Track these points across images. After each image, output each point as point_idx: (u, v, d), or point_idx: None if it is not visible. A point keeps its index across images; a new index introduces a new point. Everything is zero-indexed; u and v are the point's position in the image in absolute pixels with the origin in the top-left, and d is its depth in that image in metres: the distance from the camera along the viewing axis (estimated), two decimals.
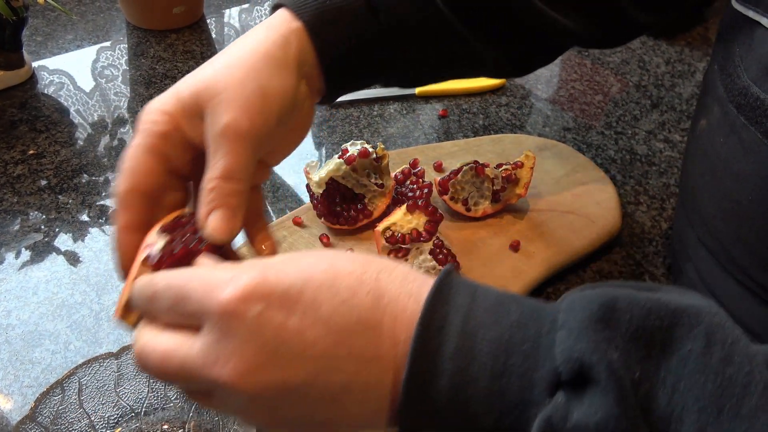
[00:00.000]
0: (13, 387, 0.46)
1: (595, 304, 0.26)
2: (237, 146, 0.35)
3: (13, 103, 0.73)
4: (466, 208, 0.59)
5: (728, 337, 0.25)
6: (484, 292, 0.28)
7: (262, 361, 0.27)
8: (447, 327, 0.26)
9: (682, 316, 0.25)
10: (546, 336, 0.26)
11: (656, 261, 0.61)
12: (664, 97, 0.84)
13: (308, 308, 0.27)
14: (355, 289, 0.28)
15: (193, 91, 0.36)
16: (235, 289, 0.27)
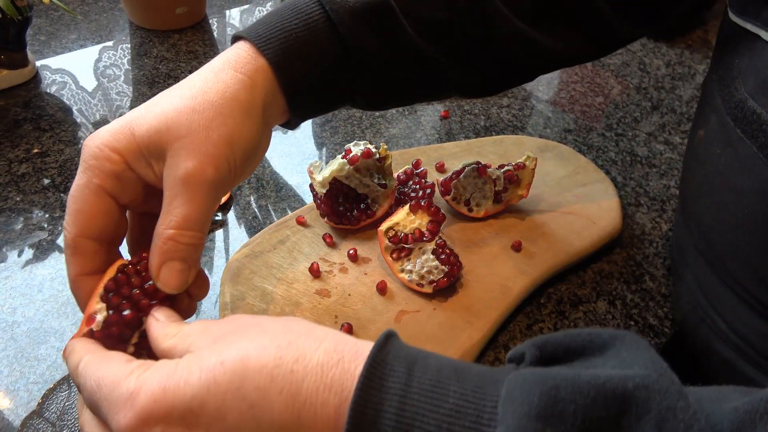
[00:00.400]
0: (19, 383, 0.47)
1: (536, 395, 0.24)
2: (198, 195, 0.34)
3: (17, 102, 0.73)
4: (468, 209, 0.59)
5: (680, 424, 0.23)
6: (421, 368, 0.26)
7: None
8: (381, 417, 0.25)
9: (630, 402, 0.24)
10: (486, 426, 0.24)
11: (656, 262, 0.61)
12: (664, 100, 0.85)
13: (213, 420, 0.26)
14: (266, 389, 0.26)
15: (153, 132, 0.34)
16: (132, 413, 0.26)
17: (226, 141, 0.35)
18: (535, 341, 0.28)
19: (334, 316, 0.50)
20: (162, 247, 0.33)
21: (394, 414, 0.25)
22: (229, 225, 0.61)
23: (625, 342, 0.27)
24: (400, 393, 0.25)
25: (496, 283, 0.54)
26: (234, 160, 0.35)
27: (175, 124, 0.34)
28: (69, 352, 0.32)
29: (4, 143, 0.67)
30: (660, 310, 0.56)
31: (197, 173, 0.33)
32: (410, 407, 0.25)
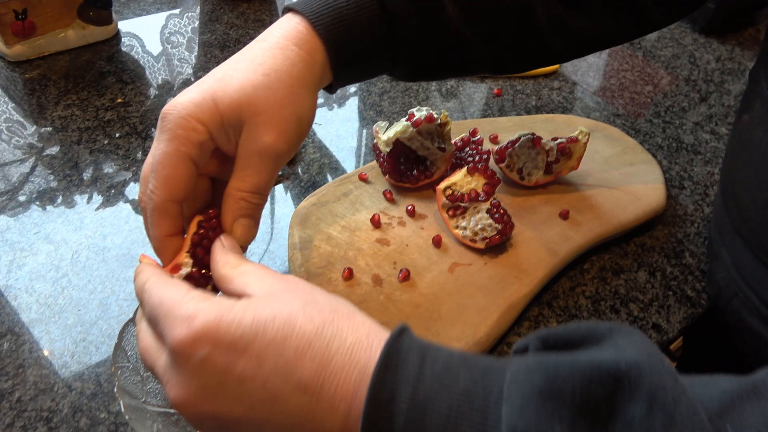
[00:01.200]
0: (110, 299, 0.52)
1: (537, 375, 0.26)
2: (269, 165, 0.38)
3: (101, 57, 0.79)
4: (520, 177, 0.62)
5: (669, 398, 0.25)
6: (433, 356, 0.29)
7: (200, 397, 0.29)
8: (396, 399, 0.27)
9: (623, 379, 0.25)
10: (494, 406, 0.26)
11: (697, 241, 0.64)
12: (712, 92, 0.87)
13: (252, 362, 0.29)
14: (302, 353, 0.29)
15: (235, 106, 0.37)
16: (187, 331, 0.29)
17: (296, 117, 0.39)
18: (538, 334, 0.31)
19: (392, 263, 0.55)
20: (234, 206, 0.38)
21: (409, 396, 0.27)
22: (295, 178, 0.66)
23: (621, 333, 0.29)
24: (414, 378, 0.27)
25: (543, 246, 0.57)
26: (300, 133, 0.40)
27: (254, 99, 0.37)
28: (138, 272, 0.36)
29: (92, 92, 0.73)
30: (698, 284, 0.59)
31: (273, 147, 0.37)
32: (423, 390, 0.27)
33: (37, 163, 0.63)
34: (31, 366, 0.47)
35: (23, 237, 0.57)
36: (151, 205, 0.37)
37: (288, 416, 0.29)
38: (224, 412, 0.30)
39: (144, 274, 0.36)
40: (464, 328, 0.50)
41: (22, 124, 0.68)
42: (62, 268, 0.54)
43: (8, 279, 0.53)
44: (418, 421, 0.27)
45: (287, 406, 0.29)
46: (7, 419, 0.44)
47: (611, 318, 0.55)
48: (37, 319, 0.50)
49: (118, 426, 0.44)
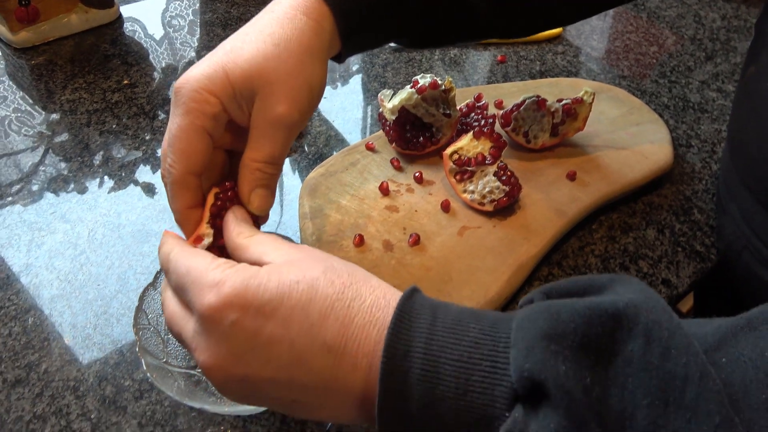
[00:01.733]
0: (128, 273, 0.53)
1: (541, 320, 0.27)
2: (283, 135, 0.38)
3: (105, 40, 0.79)
4: (527, 140, 0.63)
5: (664, 332, 0.26)
6: (443, 312, 0.30)
7: (230, 361, 0.30)
8: (411, 352, 0.28)
9: (621, 318, 0.27)
10: (502, 353, 0.28)
11: (705, 197, 0.64)
12: (718, 51, 0.86)
13: (279, 325, 0.30)
14: (326, 315, 0.30)
15: (246, 76, 0.37)
16: (216, 297, 0.30)
17: (307, 87, 0.39)
18: (542, 289, 0.32)
19: (402, 228, 0.55)
20: (250, 176, 0.39)
21: (423, 349, 0.28)
22: (304, 150, 0.66)
23: (620, 281, 0.30)
24: (426, 331, 0.29)
25: (551, 207, 0.58)
26: (312, 102, 0.40)
27: (265, 70, 0.37)
28: (162, 244, 0.37)
29: (98, 75, 0.74)
30: (707, 239, 0.60)
31: (285, 117, 0.38)
32: (436, 342, 0.28)
33: (48, 149, 0.64)
34: (56, 339, 0.49)
35: (40, 217, 0.58)
36: (170, 179, 0.38)
37: (314, 376, 0.30)
38: (253, 375, 0.30)
39: (168, 245, 0.36)
40: (475, 288, 0.51)
41: (31, 114, 0.69)
42: (80, 246, 0.55)
43: (28, 257, 0.54)
44: (432, 372, 0.28)
45: (313, 366, 0.30)
46: (36, 389, 0.46)
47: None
48: (59, 295, 0.52)
49: (142, 393, 0.46)
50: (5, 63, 0.76)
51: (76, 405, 0.45)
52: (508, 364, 0.27)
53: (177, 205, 0.38)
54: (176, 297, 0.35)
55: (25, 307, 0.51)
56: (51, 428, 0.44)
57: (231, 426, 0.44)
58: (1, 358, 0.48)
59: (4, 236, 0.56)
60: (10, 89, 0.73)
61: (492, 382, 0.27)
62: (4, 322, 0.50)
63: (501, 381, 0.27)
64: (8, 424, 0.44)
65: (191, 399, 0.40)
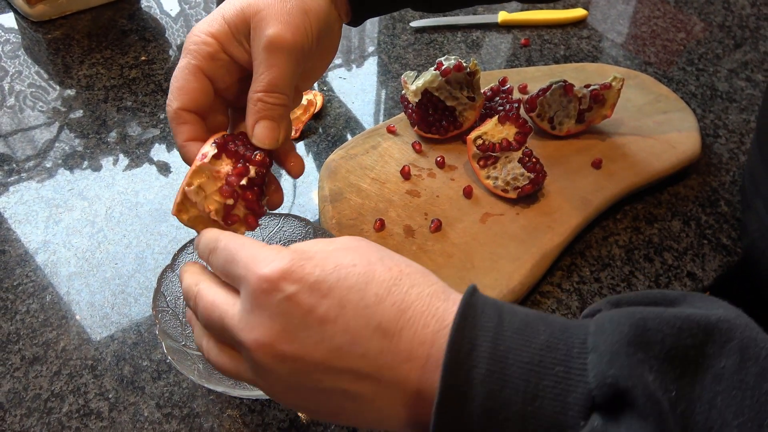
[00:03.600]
0: (146, 253, 0.53)
1: (626, 325, 0.25)
2: (280, 59, 0.37)
3: (123, 15, 0.78)
4: (551, 126, 0.61)
5: (762, 351, 0.25)
6: (510, 313, 0.28)
7: (282, 339, 0.29)
8: (476, 350, 0.26)
9: (713, 332, 0.25)
10: (577, 358, 0.26)
11: (732, 189, 0.62)
12: (747, 39, 0.84)
13: (335, 304, 0.29)
14: (382, 298, 0.29)
15: (238, 11, 0.37)
16: (274, 268, 0.29)
17: (300, 9, 0.37)
18: (610, 299, 0.30)
19: (424, 213, 0.54)
20: (253, 108, 0.37)
21: (489, 348, 0.26)
22: (322, 132, 0.65)
23: (695, 297, 0.28)
24: (493, 331, 0.27)
25: (576, 195, 0.57)
26: (310, 26, 0.38)
27: (255, 0, 0.37)
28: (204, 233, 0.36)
29: (116, 51, 0.72)
30: (733, 232, 0.58)
31: (276, 39, 0.36)
32: (503, 343, 0.27)
33: (63, 125, 0.64)
34: (74, 317, 0.49)
35: (57, 194, 0.57)
36: (168, 115, 0.38)
37: (367, 360, 0.28)
38: (304, 355, 0.29)
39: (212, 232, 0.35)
40: (498, 276, 0.50)
41: (46, 89, 0.68)
42: (97, 224, 0.55)
43: (46, 234, 0.54)
44: (498, 373, 0.26)
45: (368, 350, 0.28)
46: (54, 367, 0.46)
47: (644, 266, 0.55)
48: (77, 273, 0.51)
49: (160, 373, 0.46)
50: (21, 37, 0.75)
51: (93, 384, 0.45)
52: (584, 371, 0.25)
53: (177, 140, 0.39)
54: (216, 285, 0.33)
55: (42, 285, 0.50)
56: (69, 407, 0.44)
57: (249, 409, 0.44)
58: (20, 335, 0.47)
59: (21, 212, 0.56)
60: (26, 63, 0.72)
61: (565, 388, 0.25)
62: (22, 299, 0.49)
63: (576, 388, 0.25)
64: (26, 402, 0.44)
65: (210, 382, 0.40)
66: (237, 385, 0.43)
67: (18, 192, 0.57)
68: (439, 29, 0.80)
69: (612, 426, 0.24)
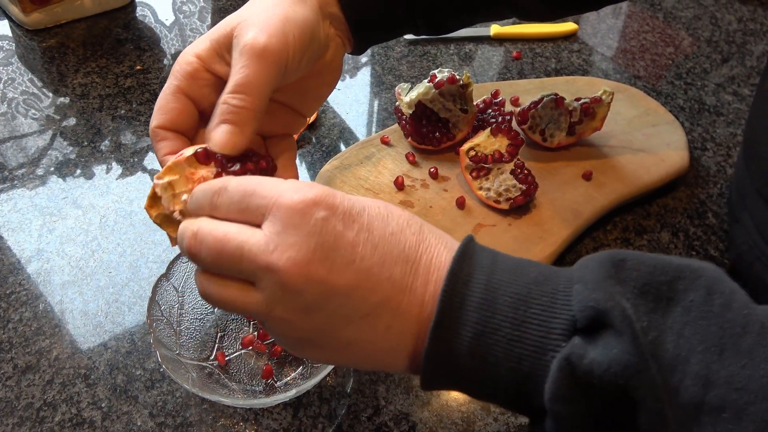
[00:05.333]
0: (140, 261, 0.53)
1: (607, 262, 0.29)
2: (253, 62, 0.36)
3: (118, 24, 0.78)
4: (543, 139, 0.62)
5: (726, 287, 0.27)
6: (504, 257, 0.31)
7: (316, 258, 0.29)
8: (472, 282, 0.29)
9: (684, 270, 0.28)
10: (562, 291, 0.29)
11: (720, 202, 0.63)
12: (734, 54, 0.85)
13: (363, 229, 0.30)
14: (403, 226, 0.31)
15: (223, 25, 0.38)
16: (306, 194, 0.30)
17: (282, 17, 0.38)
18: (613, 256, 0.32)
19: None
20: (217, 110, 0.37)
21: (483, 281, 0.29)
22: (316, 142, 0.66)
23: None
24: (487, 268, 0.30)
25: (567, 207, 0.57)
26: (291, 33, 0.38)
27: (238, 15, 0.39)
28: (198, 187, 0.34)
29: (111, 59, 0.73)
30: (721, 244, 0.59)
31: (252, 42, 0.36)
32: (496, 278, 0.29)
33: (56, 133, 0.64)
34: (67, 325, 0.48)
35: (51, 202, 0.57)
36: (150, 132, 0.39)
37: (392, 284, 0.30)
38: (334, 277, 0.29)
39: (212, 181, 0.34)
40: None
41: (39, 97, 0.68)
42: (91, 232, 0.55)
43: (39, 242, 0.54)
44: (490, 301, 0.29)
45: (393, 273, 0.30)
46: (46, 376, 0.45)
47: None
48: (70, 281, 0.51)
49: (153, 383, 0.46)
50: (16, 44, 0.76)
51: (86, 393, 0.45)
52: (567, 300, 0.28)
53: (157, 155, 0.39)
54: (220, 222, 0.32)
55: (35, 293, 0.50)
56: (61, 416, 0.43)
57: (243, 419, 0.44)
58: (12, 343, 0.47)
59: (14, 220, 0.56)
60: (19, 71, 0.72)
61: (550, 315, 0.28)
62: (15, 307, 0.49)
63: (560, 314, 0.28)
64: (18, 411, 0.44)
65: (205, 391, 0.40)
66: (231, 395, 0.43)
67: (11, 200, 0.57)
68: (433, 42, 0.81)
69: (590, 344, 0.27)
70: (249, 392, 0.44)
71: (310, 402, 0.45)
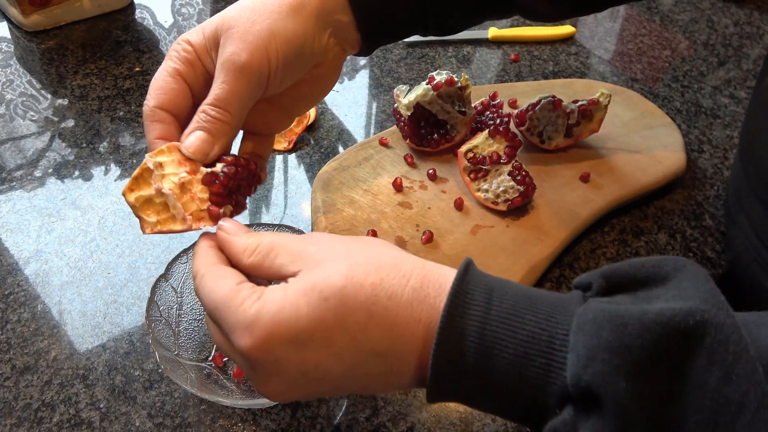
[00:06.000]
0: (139, 262, 0.53)
1: (605, 330, 0.26)
2: (231, 77, 0.37)
3: (117, 26, 0.79)
4: (540, 140, 0.62)
5: (729, 356, 0.26)
6: (499, 297, 0.30)
7: (289, 389, 0.32)
8: (465, 340, 0.29)
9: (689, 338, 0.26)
10: (558, 351, 0.28)
11: (716, 203, 0.64)
12: (731, 57, 0.86)
13: (321, 347, 0.30)
14: (365, 323, 0.30)
15: (214, 26, 0.38)
16: (253, 340, 0.30)
17: (267, 33, 0.38)
18: (603, 272, 0.30)
19: (415, 225, 0.55)
20: (195, 117, 0.38)
21: (477, 337, 0.28)
22: (314, 144, 0.66)
23: (686, 273, 0.29)
24: (480, 320, 0.29)
25: (564, 208, 0.58)
26: (274, 50, 0.38)
27: (229, 17, 0.38)
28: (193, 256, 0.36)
29: (110, 61, 0.73)
30: (718, 245, 0.59)
31: (233, 57, 0.37)
32: (490, 333, 0.28)
33: (55, 134, 0.64)
34: (65, 326, 0.48)
35: (50, 203, 0.57)
36: (144, 112, 0.38)
37: (370, 376, 0.31)
38: (315, 392, 0.33)
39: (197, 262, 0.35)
40: None
41: (37, 98, 0.68)
42: (90, 233, 0.55)
43: (38, 243, 0.54)
44: (485, 361, 0.28)
45: (367, 370, 0.31)
46: (44, 377, 0.45)
47: None
48: (69, 282, 0.51)
49: (152, 383, 0.46)
50: (14, 46, 0.76)
51: (85, 394, 0.45)
52: (563, 364, 0.27)
53: (148, 137, 0.38)
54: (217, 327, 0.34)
55: (34, 294, 0.50)
56: (60, 416, 0.43)
57: (241, 419, 0.44)
58: (10, 344, 0.47)
59: (13, 221, 0.56)
60: (17, 73, 0.72)
61: (546, 379, 0.28)
62: (13, 308, 0.49)
63: (555, 380, 0.27)
64: (16, 411, 0.44)
65: (204, 391, 0.40)
66: (230, 396, 0.43)
67: (10, 201, 0.58)
68: (431, 44, 0.82)
69: (582, 419, 0.26)
70: (247, 392, 0.44)
71: (308, 402, 0.45)
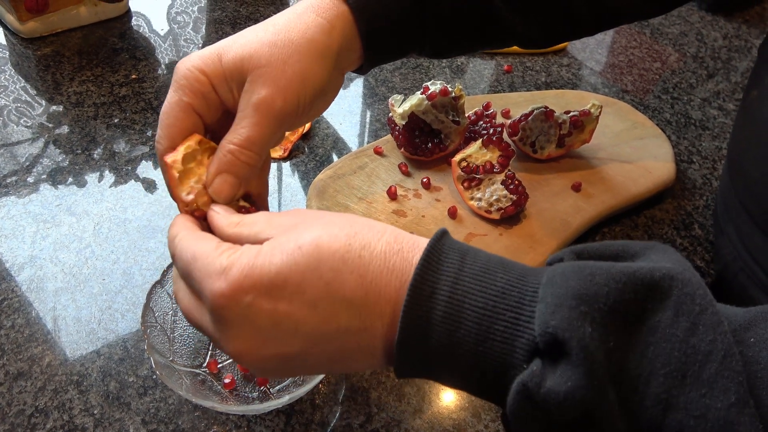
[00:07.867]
0: (134, 268, 0.53)
1: (574, 279, 0.27)
2: (264, 120, 0.37)
3: (114, 33, 0.79)
4: (533, 150, 0.63)
5: (695, 307, 0.26)
6: (472, 257, 0.30)
7: (258, 343, 0.30)
8: (436, 294, 0.28)
9: (655, 288, 0.27)
10: (527, 305, 0.28)
11: (705, 213, 0.65)
12: (720, 69, 0.87)
13: (294, 294, 0.29)
14: (339, 270, 0.30)
15: (237, 59, 0.37)
16: (226, 283, 0.30)
17: (300, 77, 0.38)
18: (574, 248, 0.31)
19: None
20: (222, 158, 0.37)
21: (447, 293, 0.28)
22: (309, 152, 0.66)
23: (656, 249, 0.30)
24: (453, 276, 0.29)
25: (556, 217, 0.58)
26: (304, 95, 0.39)
27: (257, 54, 0.37)
28: (171, 225, 0.36)
29: (106, 68, 0.73)
30: (707, 255, 0.60)
31: (268, 101, 0.36)
32: (461, 288, 0.28)
33: (49, 141, 0.64)
34: (59, 332, 0.49)
35: (45, 209, 0.57)
36: (158, 152, 0.38)
37: (343, 333, 0.30)
38: (285, 350, 0.30)
39: (175, 227, 0.35)
40: None
41: (31, 105, 0.68)
42: (85, 239, 0.55)
43: (33, 249, 0.54)
44: (455, 316, 0.28)
45: (340, 323, 0.30)
46: (38, 383, 0.45)
47: None
48: (63, 288, 0.51)
49: (146, 389, 0.46)
50: (9, 53, 0.76)
51: (79, 400, 0.45)
52: (532, 318, 0.27)
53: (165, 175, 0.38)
54: (187, 287, 0.34)
55: (28, 300, 0.50)
56: (53, 423, 0.43)
57: (235, 426, 0.44)
58: (4, 350, 0.47)
59: (8, 227, 0.56)
60: (11, 79, 0.72)
61: (514, 333, 0.28)
62: (7, 313, 0.49)
63: (523, 333, 0.27)
64: (10, 417, 0.43)
65: (198, 397, 0.40)
66: (224, 402, 0.43)
67: (4, 207, 0.58)
68: None
69: (549, 370, 0.26)
70: (242, 399, 0.44)
71: (302, 409, 0.45)
